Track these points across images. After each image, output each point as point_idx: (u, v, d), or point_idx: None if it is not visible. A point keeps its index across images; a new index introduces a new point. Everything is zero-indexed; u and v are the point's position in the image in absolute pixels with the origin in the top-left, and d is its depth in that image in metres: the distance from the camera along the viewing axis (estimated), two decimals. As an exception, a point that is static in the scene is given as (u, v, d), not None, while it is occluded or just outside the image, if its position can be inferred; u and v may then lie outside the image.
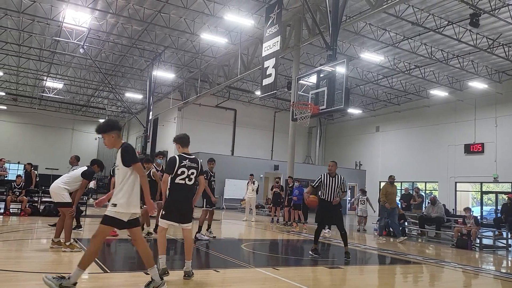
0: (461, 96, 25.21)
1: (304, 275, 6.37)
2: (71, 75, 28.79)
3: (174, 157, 5.61)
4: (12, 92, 34.38)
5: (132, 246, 8.43)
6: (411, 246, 11.61)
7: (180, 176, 5.52)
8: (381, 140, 31.28)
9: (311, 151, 35.72)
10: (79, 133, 40.96)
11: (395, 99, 28.95)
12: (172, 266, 5.89)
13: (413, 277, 7.22)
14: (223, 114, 31.89)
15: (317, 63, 20.97)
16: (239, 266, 6.80)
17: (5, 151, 31.21)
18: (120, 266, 6.57)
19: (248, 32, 19.42)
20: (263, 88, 15.43)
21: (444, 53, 20.52)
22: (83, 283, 5.18)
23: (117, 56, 24.81)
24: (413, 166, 27.85)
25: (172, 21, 18.86)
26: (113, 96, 32.79)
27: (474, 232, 11.43)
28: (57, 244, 6.95)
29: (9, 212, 12.56)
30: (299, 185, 15.19)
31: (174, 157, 5.60)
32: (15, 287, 4.59)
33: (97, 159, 7.77)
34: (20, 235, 8.93)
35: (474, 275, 7.50)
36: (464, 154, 25.08)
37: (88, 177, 7.14)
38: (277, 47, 14.64)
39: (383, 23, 18.10)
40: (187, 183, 5.53)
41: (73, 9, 17.70)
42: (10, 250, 7.10)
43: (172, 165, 5.52)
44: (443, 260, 8.93)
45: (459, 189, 25.67)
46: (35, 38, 21.92)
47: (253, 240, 10.87)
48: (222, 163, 24.01)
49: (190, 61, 24.75)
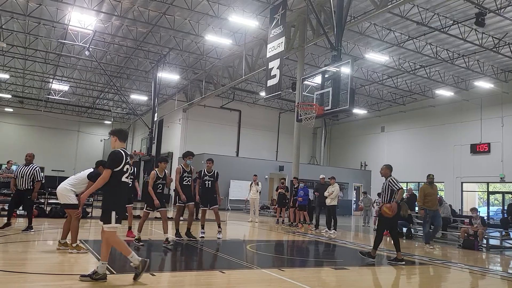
0: (467, 96, 25.08)
1: (310, 276, 6.35)
2: (77, 77, 28.96)
3: (119, 152, 5.08)
4: (18, 94, 34.64)
5: (138, 248, 8.46)
6: (417, 247, 11.56)
7: (125, 174, 5.09)
8: (387, 141, 31.17)
9: (316, 152, 35.66)
10: (85, 135, 41.17)
11: (400, 99, 28.84)
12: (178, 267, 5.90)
13: (419, 278, 7.18)
14: (227, 115, 31.93)
15: (322, 64, 20.95)
16: (245, 267, 6.80)
17: (12, 153, 31.33)
18: (126, 267, 6.58)
19: (253, 33, 19.44)
20: (268, 89, 15.42)
21: (449, 53, 20.42)
22: (86, 284, 5.20)
23: (122, 58, 24.93)
24: (418, 167, 27.69)
25: (177, 23, 18.92)
26: (119, 98, 32.94)
27: (481, 233, 11.35)
28: (63, 245, 6.98)
29: (16, 214, 12.62)
30: (304, 185, 15.18)
31: (119, 152, 5.06)
32: (22, 288, 4.61)
33: (102, 160, 7.76)
34: (26, 236, 8.98)
35: (481, 276, 7.44)
36: (470, 154, 24.94)
37: (94, 179, 7.15)
38: (281, 48, 14.63)
39: (387, 23, 18.04)
40: (128, 182, 5.41)
41: (79, 11, 17.80)
42: (16, 251, 7.14)
43: (118, 160, 5.01)
44: (450, 261, 8.87)
45: (465, 190, 25.52)
46: (41, 40, 22.07)
47: (258, 241, 10.86)
48: (227, 164, 24.07)
49: (194, 62, 24.81)
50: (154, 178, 8.26)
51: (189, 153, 9.13)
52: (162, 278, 5.50)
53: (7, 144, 36.26)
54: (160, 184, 8.36)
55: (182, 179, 9.00)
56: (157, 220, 14.98)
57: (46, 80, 29.99)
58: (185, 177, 9.04)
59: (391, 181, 7.78)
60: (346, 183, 28.28)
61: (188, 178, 9.08)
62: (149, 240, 9.83)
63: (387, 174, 7.95)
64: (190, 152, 9.21)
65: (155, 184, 8.29)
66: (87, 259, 6.49)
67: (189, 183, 9.13)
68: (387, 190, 7.75)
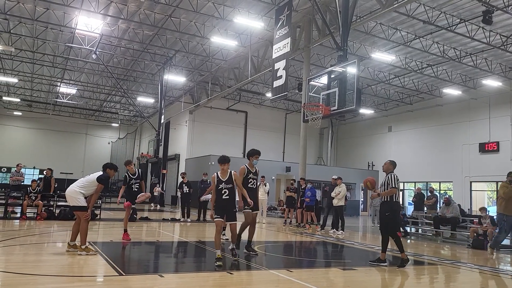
0: (475, 95, 24.88)
1: (318, 277, 6.34)
2: (84, 80, 29.19)
3: None
4: (27, 98, 35.00)
5: (149, 249, 8.50)
6: (426, 247, 11.48)
7: None
8: (394, 140, 31.01)
9: (323, 152, 35.58)
10: (92, 138, 41.49)
11: (407, 98, 28.69)
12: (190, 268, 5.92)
13: (428, 278, 7.14)
14: (234, 117, 31.98)
15: (328, 64, 20.92)
16: (253, 268, 6.80)
17: (21, 156, 31.73)
18: (135, 269, 6.62)
19: (258, 34, 19.46)
20: (274, 90, 15.43)
21: (456, 51, 20.29)
22: (98, 286, 5.25)
23: (128, 61, 25.08)
24: (426, 166, 27.55)
25: (183, 25, 19.00)
26: (126, 100, 33.13)
27: (491, 232, 11.24)
28: (73, 247, 7.04)
29: (25, 217, 12.76)
30: (312, 186, 15.15)
31: None
32: (33, 290, 4.66)
33: (109, 163, 7.82)
34: (36, 239, 9.07)
35: (491, 276, 7.38)
36: (479, 153, 24.73)
37: (103, 182, 7.21)
38: (287, 49, 14.63)
39: (394, 22, 17.97)
40: None
41: (85, 15, 17.95)
42: (27, 253, 7.21)
43: None
44: (459, 261, 8.81)
45: (474, 189, 25.30)
46: (48, 45, 22.29)
47: (266, 242, 10.86)
48: (233, 165, 24.02)
49: (200, 64, 24.89)
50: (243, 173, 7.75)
51: (255, 151, 8.03)
52: (170, 279, 5.52)
53: (17, 147, 36.68)
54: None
55: (247, 181, 7.79)
56: (164, 222, 15.04)
57: (54, 83, 30.27)
58: (250, 179, 7.82)
59: (390, 176, 7.51)
60: (354, 184, 28.17)
61: (253, 180, 7.87)
62: (157, 241, 9.87)
63: (390, 169, 7.68)
64: (257, 150, 8.09)
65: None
66: (96, 261, 6.53)
67: (254, 186, 7.94)
68: (385, 186, 7.51)
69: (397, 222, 7.84)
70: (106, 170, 7.42)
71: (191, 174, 18.92)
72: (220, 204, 6.83)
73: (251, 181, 7.82)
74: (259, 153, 8.05)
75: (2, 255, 6.94)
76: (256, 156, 7.96)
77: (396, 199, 7.56)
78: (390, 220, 7.49)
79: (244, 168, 7.86)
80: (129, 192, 9.14)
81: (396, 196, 7.56)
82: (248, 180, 7.77)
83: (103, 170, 7.43)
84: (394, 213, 7.55)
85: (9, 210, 13.15)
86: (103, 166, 7.55)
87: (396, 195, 7.55)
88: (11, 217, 12.84)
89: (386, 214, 7.52)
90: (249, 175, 7.80)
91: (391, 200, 7.43)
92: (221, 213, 6.83)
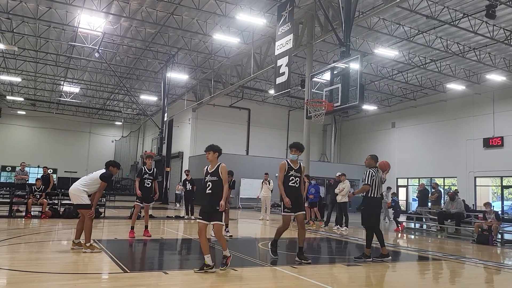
0: (478, 89, 24.75)
1: (322, 273, 6.34)
2: (87, 79, 29.24)
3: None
4: (30, 97, 35.12)
5: (153, 247, 8.53)
6: (431, 242, 11.45)
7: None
8: (397, 136, 30.92)
9: (326, 149, 35.53)
10: (96, 136, 41.59)
11: (410, 94, 28.58)
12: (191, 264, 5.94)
13: (432, 273, 7.12)
14: (237, 114, 31.97)
15: (331, 60, 20.84)
16: (257, 264, 6.80)
17: (25, 155, 31.87)
18: (139, 266, 6.64)
19: (260, 31, 19.42)
20: (277, 86, 15.40)
21: (460, 46, 20.17)
22: (103, 283, 5.27)
23: (131, 59, 25.10)
24: (430, 162, 27.45)
25: (185, 23, 18.98)
26: (129, 98, 33.19)
27: (495, 227, 11.20)
28: (77, 245, 7.07)
29: (30, 215, 12.82)
30: (315, 183, 15.13)
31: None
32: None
33: (111, 160, 7.80)
34: (41, 237, 9.11)
35: (496, 271, 7.35)
36: (483, 148, 24.63)
37: (106, 180, 7.22)
38: (289, 45, 14.60)
39: (397, 18, 17.88)
40: None
41: (88, 14, 17.96)
42: (31, 251, 7.25)
43: None
44: (464, 256, 8.78)
45: (478, 184, 25.21)
46: (51, 43, 22.34)
47: (270, 239, 10.86)
48: (237, 163, 24.07)
49: (203, 62, 24.87)
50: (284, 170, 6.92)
51: (294, 144, 7.07)
52: (175, 276, 5.53)
53: (21, 146, 36.83)
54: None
55: (288, 178, 6.87)
56: (168, 219, 15.08)
57: (57, 82, 30.35)
58: (292, 177, 6.85)
59: (367, 172, 7.49)
60: (357, 180, 28.11)
61: (296, 178, 6.87)
62: (161, 239, 9.91)
63: (371, 164, 7.57)
64: (297, 143, 7.10)
65: None
66: (101, 258, 6.56)
67: (296, 184, 6.91)
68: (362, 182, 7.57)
69: (372, 217, 7.46)
70: (109, 168, 7.44)
71: (195, 172, 18.99)
72: (205, 201, 5.94)
73: (293, 178, 6.85)
74: (297, 146, 7.03)
75: (7, 253, 6.98)
76: (294, 150, 7.02)
77: (373, 194, 7.37)
78: (365, 215, 7.52)
79: (285, 164, 6.90)
80: (141, 187, 9.14)
81: (374, 191, 7.37)
82: (289, 178, 6.84)
83: (106, 168, 7.44)
84: (370, 209, 7.47)
85: (14, 209, 13.22)
86: (106, 164, 7.56)
87: (374, 190, 7.36)
88: (16, 215, 12.91)
89: (361, 208, 7.66)
90: (290, 172, 6.86)
91: (366, 196, 7.44)
92: (201, 214, 5.91)
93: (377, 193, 7.43)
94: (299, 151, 7.04)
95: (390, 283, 6.10)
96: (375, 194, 7.41)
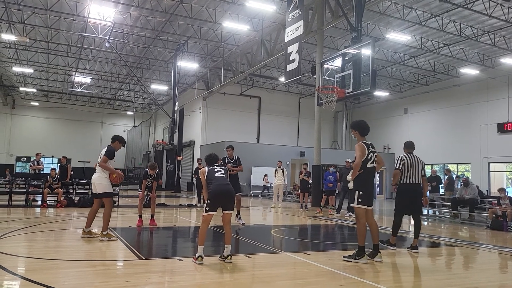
0: (493, 74, 24.30)
1: (335, 259, 6.37)
2: (98, 69, 29.43)
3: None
4: (43, 88, 35.50)
5: (167, 234, 8.63)
6: (444, 228, 11.40)
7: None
8: (410, 122, 30.62)
9: (338, 136, 35.39)
10: (108, 126, 41.97)
11: (423, 79, 28.19)
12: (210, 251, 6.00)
13: (445, 259, 7.10)
14: (247, 102, 31.93)
15: (342, 46, 20.63)
16: (269, 251, 6.86)
17: (39, 146, 32.40)
18: (154, 253, 6.75)
19: (270, 18, 19.26)
20: (287, 74, 15.33)
21: (474, 30, 19.78)
22: (119, 269, 5.37)
23: (141, 49, 25.15)
24: (444, 148, 27.18)
25: (194, 11, 18.91)
26: (139, 88, 33.34)
27: (510, 213, 11.09)
28: (88, 233, 7.18)
29: (46, 204, 13.07)
30: (334, 170, 14.87)
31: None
32: (56, 274, 4.79)
33: (117, 135, 7.78)
34: (57, 225, 9.29)
35: (510, 256, 7.31)
36: (497, 133, 24.28)
37: (107, 154, 7.13)
38: (300, 32, 14.47)
39: (409, 1, 17.57)
40: None
41: (97, 4, 18.00)
42: (48, 240, 7.40)
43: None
44: (478, 242, 8.73)
45: (492, 170, 24.92)
46: (62, 34, 22.47)
47: (282, 226, 10.93)
48: (248, 151, 24.14)
49: (213, 50, 24.81)
50: None
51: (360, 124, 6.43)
52: (189, 263, 5.61)
53: (35, 137, 37.40)
54: None
55: (366, 160, 6.11)
56: (181, 207, 15.23)
57: (68, 73, 30.61)
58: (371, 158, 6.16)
59: (399, 157, 7.47)
60: (369, 167, 28.00)
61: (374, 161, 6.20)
62: (174, 227, 10.01)
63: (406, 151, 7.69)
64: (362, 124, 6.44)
65: None
66: (116, 246, 6.67)
67: (374, 164, 6.23)
68: None
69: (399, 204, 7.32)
70: (114, 142, 7.47)
71: (206, 160, 19.21)
72: None
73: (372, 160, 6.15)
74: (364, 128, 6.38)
75: (25, 241, 7.14)
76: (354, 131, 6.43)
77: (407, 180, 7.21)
78: (395, 201, 7.57)
79: (362, 145, 6.13)
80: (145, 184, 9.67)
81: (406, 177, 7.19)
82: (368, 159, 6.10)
83: (112, 142, 7.48)
84: (398, 195, 7.51)
85: (30, 198, 13.48)
86: (112, 138, 7.59)
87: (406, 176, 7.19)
88: (32, 205, 13.17)
89: None
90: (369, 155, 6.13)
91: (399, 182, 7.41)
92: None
93: (409, 179, 7.14)
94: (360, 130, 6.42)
95: (401, 268, 6.10)
96: (408, 180, 7.15)
